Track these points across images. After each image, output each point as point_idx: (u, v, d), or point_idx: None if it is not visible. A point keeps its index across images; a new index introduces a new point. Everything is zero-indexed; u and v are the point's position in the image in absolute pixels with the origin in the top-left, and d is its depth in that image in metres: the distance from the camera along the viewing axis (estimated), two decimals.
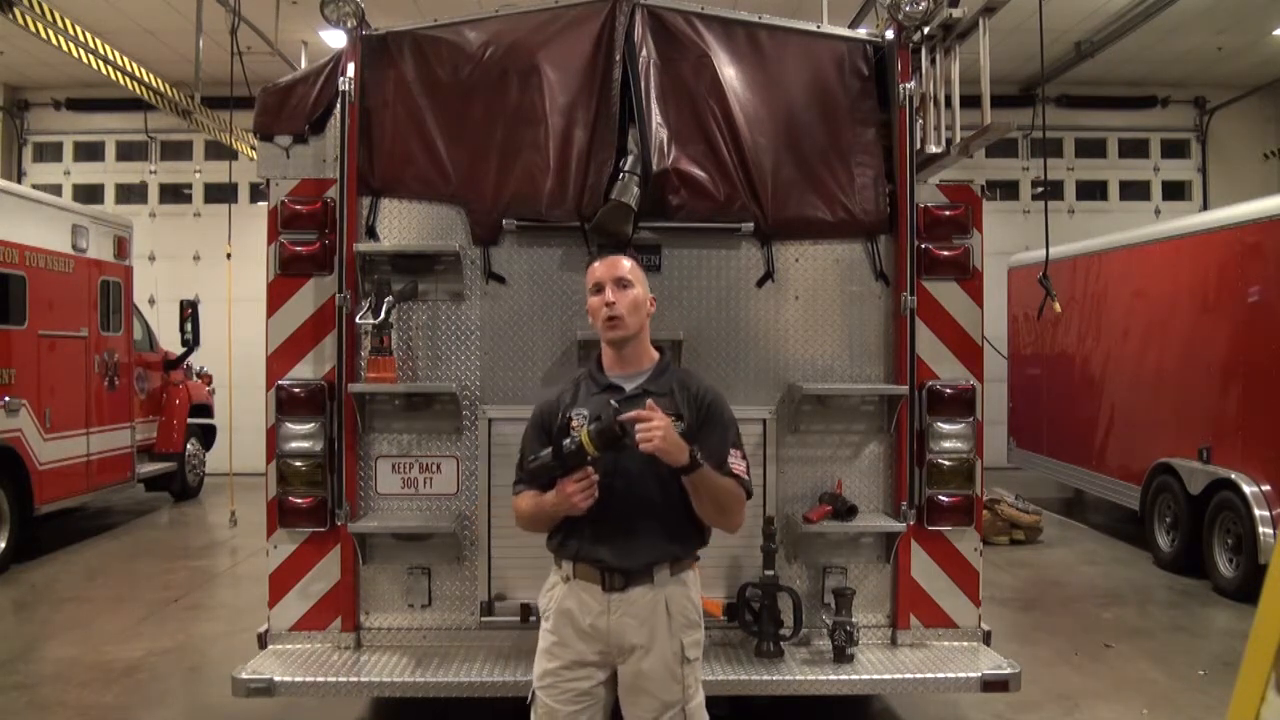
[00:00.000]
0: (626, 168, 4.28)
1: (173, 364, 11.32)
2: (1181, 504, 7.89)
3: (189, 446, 11.57)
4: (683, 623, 2.87)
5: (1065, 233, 11.94)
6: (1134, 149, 14.70)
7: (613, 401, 2.83)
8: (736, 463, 2.90)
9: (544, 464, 2.78)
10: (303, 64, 11.01)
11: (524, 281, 4.46)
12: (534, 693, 2.92)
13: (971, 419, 4.42)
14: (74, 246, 9.28)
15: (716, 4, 4.57)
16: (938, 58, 4.44)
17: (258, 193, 12.41)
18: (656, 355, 3.05)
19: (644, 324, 3.01)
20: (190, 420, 11.51)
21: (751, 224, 4.40)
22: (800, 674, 4.06)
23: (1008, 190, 14.39)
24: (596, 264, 3.02)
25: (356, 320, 4.27)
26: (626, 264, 3.01)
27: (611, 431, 2.64)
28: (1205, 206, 13.83)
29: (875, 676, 4.08)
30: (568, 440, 2.72)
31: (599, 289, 2.96)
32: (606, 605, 2.83)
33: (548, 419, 3.00)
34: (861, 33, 4.97)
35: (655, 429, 2.64)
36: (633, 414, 2.67)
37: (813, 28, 4.65)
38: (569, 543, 2.89)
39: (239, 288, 9.55)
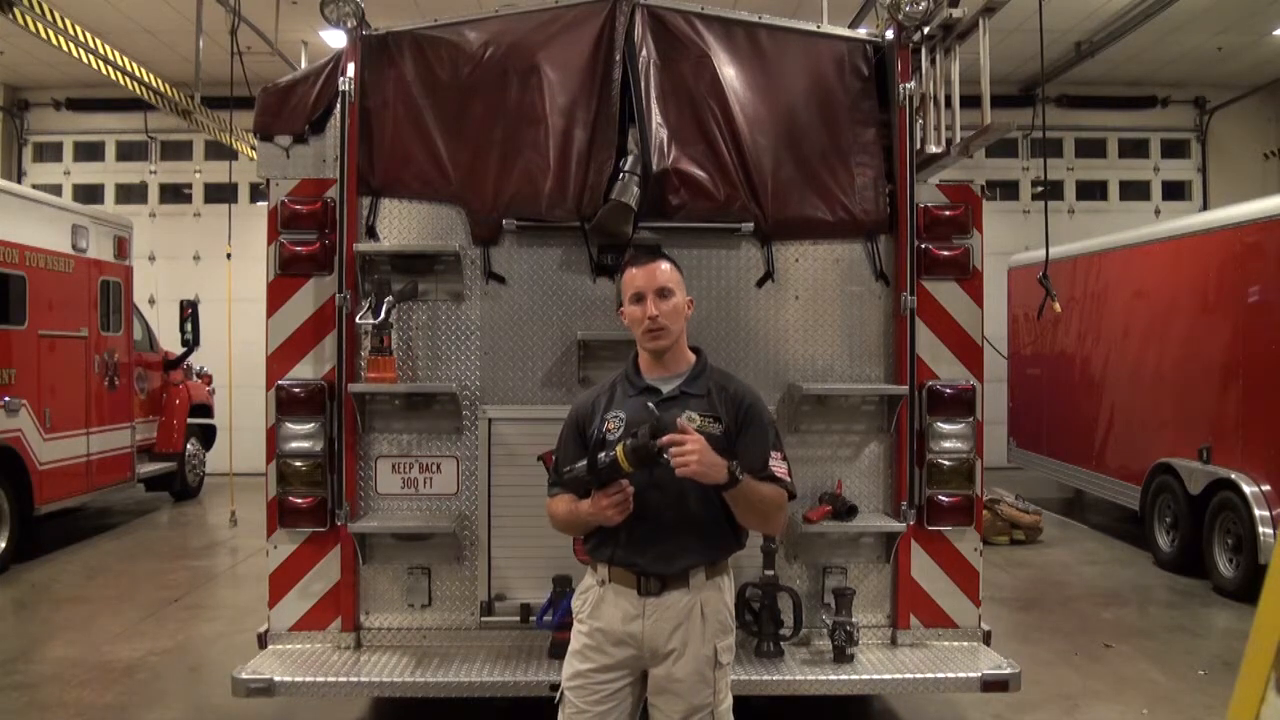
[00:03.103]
0: (626, 168, 4.28)
1: (173, 364, 11.32)
2: (1182, 504, 7.89)
3: (189, 446, 11.57)
4: (716, 627, 2.85)
5: (1065, 233, 11.97)
6: (1134, 149, 14.70)
7: (649, 404, 2.82)
8: (778, 465, 2.87)
9: (578, 477, 2.76)
10: (303, 64, 11.01)
11: (524, 281, 4.46)
12: (563, 692, 2.91)
13: (971, 419, 4.42)
14: (74, 246, 9.28)
15: (716, 4, 4.57)
16: (938, 58, 4.45)
17: (258, 193, 12.43)
18: (693, 357, 3.00)
19: (683, 329, 2.97)
20: (190, 420, 11.50)
21: (751, 224, 4.40)
22: (800, 674, 4.06)
23: (1008, 190, 14.39)
24: (636, 271, 2.93)
25: (356, 320, 4.27)
26: (666, 271, 2.92)
27: (647, 449, 2.61)
28: (1205, 206, 13.84)
29: (875, 676, 4.08)
30: (603, 455, 2.69)
31: (639, 299, 2.89)
32: (642, 609, 2.81)
33: (584, 422, 2.97)
34: (861, 33, 4.98)
35: (690, 454, 2.60)
36: (666, 438, 2.63)
37: (813, 28, 4.65)
38: (604, 548, 2.87)
39: (239, 288, 9.55)
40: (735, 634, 2.96)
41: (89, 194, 13.98)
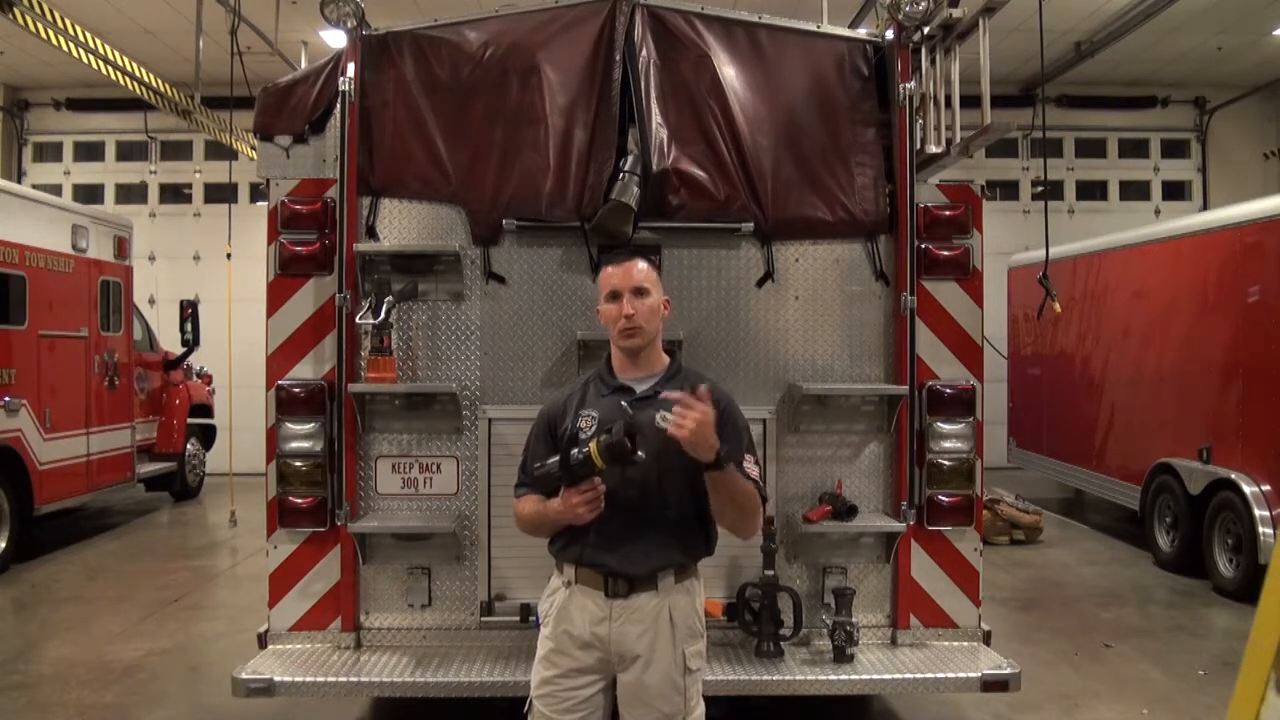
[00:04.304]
0: (626, 168, 4.28)
1: (173, 364, 11.32)
2: (1181, 504, 7.89)
3: (189, 446, 11.57)
4: (686, 632, 2.81)
5: (1065, 233, 11.97)
6: (1134, 149, 14.70)
7: (623, 403, 2.79)
8: (751, 468, 2.84)
9: (549, 473, 2.73)
10: (303, 64, 11.01)
11: (524, 281, 4.46)
12: (531, 701, 2.87)
13: (971, 419, 4.42)
14: (74, 246, 9.28)
15: (716, 4, 4.57)
16: (938, 58, 4.45)
17: (258, 193, 12.43)
18: (667, 359, 2.99)
19: (659, 329, 2.95)
20: (190, 420, 11.50)
21: (751, 224, 4.40)
22: (800, 674, 4.06)
23: (1008, 190, 14.39)
24: (612, 269, 2.93)
25: (356, 320, 4.27)
26: (642, 270, 2.91)
27: (621, 446, 2.56)
28: (1205, 206, 13.83)
29: (875, 676, 4.08)
30: (575, 451, 2.66)
31: (615, 296, 2.87)
32: (609, 612, 2.77)
33: (555, 421, 2.94)
34: (861, 33, 4.98)
35: (692, 417, 2.52)
36: (678, 395, 2.57)
37: (813, 28, 4.65)
38: (571, 547, 2.83)
39: (239, 288, 9.56)
40: (705, 640, 2.90)
41: (89, 194, 13.98)
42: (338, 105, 4.34)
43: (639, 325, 2.86)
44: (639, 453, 2.58)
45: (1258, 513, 6.91)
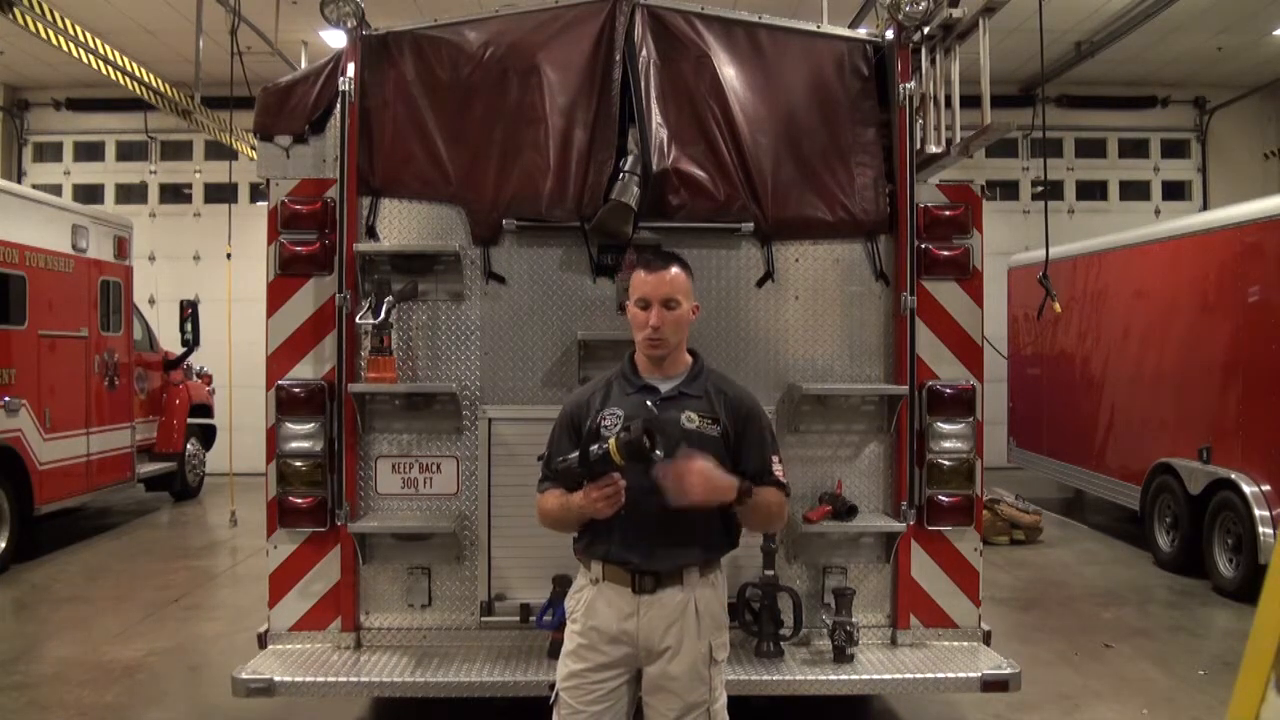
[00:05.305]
0: (626, 168, 4.28)
1: (173, 364, 11.32)
2: (1181, 504, 7.89)
3: (189, 446, 11.57)
4: (711, 624, 2.86)
5: (1065, 233, 11.96)
6: (1134, 149, 14.69)
7: (649, 402, 2.83)
8: (777, 468, 2.92)
9: (569, 469, 2.75)
10: (303, 64, 11.01)
11: (524, 281, 4.46)
12: (557, 693, 2.91)
13: (971, 419, 4.42)
14: (74, 246, 9.28)
15: (716, 4, 4.57)
16: (938, 58, 4.45)
17: (258, 193, 12.43)
18: (690, 359, 3.02)
19: (685, 335, 2.98)
20: (190, 420, 11.50)
21: (751, 224, 4.40)
22: (800, 674, 4.06)
23: (1008, 190, 14.38)
24: (646, 275, 2.92)
25: (356, 320, 4.27)
26: (675, 279, 2.91)
27: (639, 444, 2.59)
28: (1205, 206, 13.83)
29: (875, 676, 4.09)
30: (595, 447, 2.68)
31: (645, 304, 2.90)
32: (636, 607, 2.82)
33: (579, 418, 2.97)
34: (861, 33, 4.98)
35: (693, 485, 2.64)
36: (668, 467, 2.65)
37: (813, 28, 4.65)
38: (597, 546, 2.87)
39: (239, 288, 9.56)
40: (729, 631, 2.97)
41: (89, 194, 13.98)
42: (338, 105, 4.35)
43: (664, 337, 2.89)
44: (657, 451, 2.62)
45: (1258, 513, 6.90)
